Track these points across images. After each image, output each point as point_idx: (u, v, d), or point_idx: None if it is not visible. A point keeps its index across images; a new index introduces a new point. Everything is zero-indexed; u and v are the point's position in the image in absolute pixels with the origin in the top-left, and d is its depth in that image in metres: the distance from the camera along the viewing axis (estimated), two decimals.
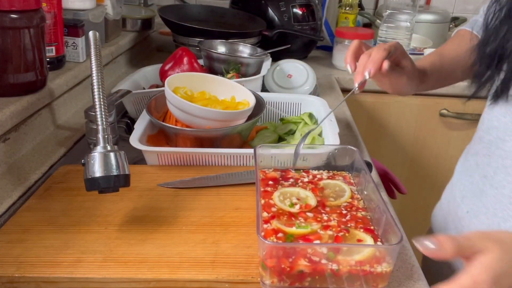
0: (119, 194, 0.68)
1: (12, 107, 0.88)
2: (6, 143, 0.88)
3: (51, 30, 1.04)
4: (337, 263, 0.57)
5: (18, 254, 0.64)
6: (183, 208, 0.75)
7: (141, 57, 1.68)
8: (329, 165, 0.80)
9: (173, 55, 1.22)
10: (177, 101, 0.90)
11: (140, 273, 0.61)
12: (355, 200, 0.72)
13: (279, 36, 1.57)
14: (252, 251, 0.65)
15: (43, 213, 0.74)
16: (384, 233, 0.63)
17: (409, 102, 1.71)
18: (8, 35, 0.88)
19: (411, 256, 0.71)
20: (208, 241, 0.67)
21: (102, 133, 0.67)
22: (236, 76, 1.20)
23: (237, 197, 0.79)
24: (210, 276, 0.60)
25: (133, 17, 1.64)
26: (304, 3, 1.67)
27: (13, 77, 0.91)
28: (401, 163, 1.75)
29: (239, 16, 1.66)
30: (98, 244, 0.66)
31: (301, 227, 0.63)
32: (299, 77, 1.31)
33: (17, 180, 0.84)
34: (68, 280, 0.60)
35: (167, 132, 0.94)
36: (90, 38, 0.73)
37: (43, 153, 0.95)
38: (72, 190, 0.80)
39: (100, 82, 0.68)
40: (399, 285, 0.65)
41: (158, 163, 0.89)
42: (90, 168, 0.64)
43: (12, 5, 0.86)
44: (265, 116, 1.12)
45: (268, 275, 0.57)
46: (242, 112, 0.93)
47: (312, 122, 1.04)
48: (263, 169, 0.79)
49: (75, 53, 1.17)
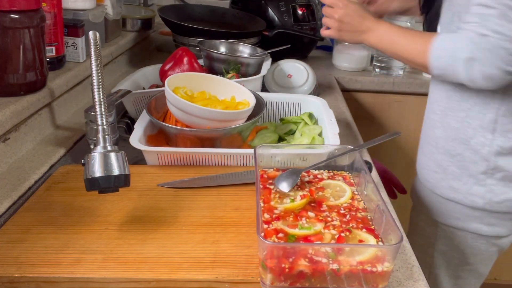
0: (119, 194, 0.68)
1: (12, 107, 0.88)
2: (6, 143, 0.88)
3: (51, 30, 1.04)
4: (338, 263, 0.57)
5: (18, 254, 0.64)
6: (183, 208, 0.75)
7: (141, 57, 1.68)
8: (329, 165, 0.80)
9: (173, 55, 1.22)
10: (177, 101, 0.90)
11: (140, 273, 0.61)
12: (355, 200, 0.72)
13: (279, 36, 1.57)
14: (252, 251, 0.65)
15: (43, 213, 0.74)
16: (384, 233, 0.63)
17: (409, 102, 1.72)
18: (8, 35, 0.88)
19: (411, 256, 0.71)
20: (208, 241, 0.67)
21: (102, 133, 0.67)
22: (236, 76, 1.20)
23: (237, 197, 0.79)
24: (210, 276, 0.60)
25: (133, 17, 1.64)
26: (304, 3, 1.67)
27: (13, 77, 0.91)
28: (401, 163, 1.75)
29: (239, 16, 1.66)
30: (98, 244, 0.66)
31: (304, 228, 0.63)
32: (299, 77, 1.31)
33: (17, 180, 0.84)
34: (68, 280, 0.60)
35: (167, 132, 0.94)
36: (90, 38, 0.73)
37: (43, 153, 0.95)
38: (72, 190, 0.80)
39: (100, 82, 0.68)
40: (399, 285, 0.65)
41: (158, 163, 0.89)
42: (90, 168, 0.64)
43: (12, 5, 0.86)
44: (265, 116, 1.12)
45: (268, 275, 0.57)
46: (242, 112, 0.93)
47: (312, 122, 1.04)
48: (263, 169, 0.79)
49: (75, 53, 1.17)
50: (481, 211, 1.04)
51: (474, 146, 1.00)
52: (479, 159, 1.00)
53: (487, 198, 1.02)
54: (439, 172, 1.08)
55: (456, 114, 1.01)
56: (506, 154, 0.98)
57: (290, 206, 0.69)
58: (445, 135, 1.05)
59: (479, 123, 0.98)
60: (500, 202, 1.02)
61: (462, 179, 1.04)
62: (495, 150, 0.98)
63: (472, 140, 1.00)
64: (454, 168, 1.04)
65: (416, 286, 0.65)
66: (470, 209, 1.05)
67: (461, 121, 1.00)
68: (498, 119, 0.96)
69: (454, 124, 1.02)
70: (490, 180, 1.01)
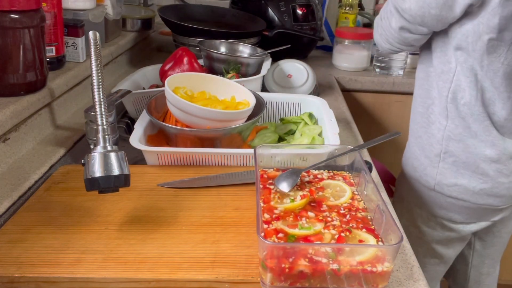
0: (119, 194, 0.68)
1: (12, 107, 0.88)
2: (6, 143, 0.89)
3: (51, 30, 1.04)
4: (338, 263, 0.57)
5: (18, 254, 0.64)
6: (183, 208, 0.75)
7: (141, 57, 1.68)
8: (329, 165, 0.80)
9: (173, 55, 1.22)
10: (177, 101, 0.90)
11: (140, 273, 0.61)
12: (355, 200, 0.72)
13: (279, 36, 1.57)
14: (252, 251, 0.65)
15: (43, 213, 0.74)
16: (384, 233, 0.63)
17: (409, 102, 1.71)
18: (8, 35, 0.88)
19: (411, 256, 0.72)
20: (208, 241, 0.67)
21: (102, 133, 0.67)
22: (236, 76, 1.20)
23: (237, 197, 0.79)
24: (210, 276, 0.60)
25: (133, 17, 1.64)
26: (304, 3, 1.67)
27: (13, 77, 0.91)
28: (401, 163, 1.75)
29: (239, 16, 1.66)
30: (98, 244, 0.66)
31: (304, 228, 0.63)
32: (299, 77, 1.31)
33: (17, 180, 0.84)
34: (68, 280, 0.60)
35: (167, 132, 0.94)
36: (90, 38, 0.73)
37: (43, 153, 0.95)
38: (72, 190, 0.80)
39: (100, 82, 0.68)
40: (399, 285, 0.65)
41: (158, 163, 0.89)
42: (90, 168, 0.64)
43: (12, 5, 0.86)
44: (265, 116, 1.12)
45: (268, 275, 0.57)
46: (242, 112, 0.93)
47: (312, 122, 1.04)
48: (263, 169, 0.79)
49: (75, 53, 1.17)
50: (434, 192, 1.16)
51: (433, 131, 1.12)
52: (435, 142, 1.12)
53: (437, 180, 1.13)
54: (407, 151, 1.23)
55: (424, 101, 1.13)
56: (456, 140, 1.08)
57: (290, 206, 0.69)
58: (414, 119, 1.19)
59: (438, 110, 1.10)
60: (449, 186, 1.12)
61: (420, 159, 1.16)
62: (447, 136, 1.09)
63: (433, 125, 1.12)
64: (416, 148, 1.18)
65: (416, 286, 0.65)
66: (426, 189, 1.17)
67: (427, 107, 1.13)
68: (448, 106, 1.07)
69: (420, 109, 1.15)
70: (442, 164, 1.12)
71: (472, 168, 1.08)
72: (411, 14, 1.02)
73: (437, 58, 1.07)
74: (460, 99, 1.05)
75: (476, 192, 1.10)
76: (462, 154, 1.08)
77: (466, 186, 1.10)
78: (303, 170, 0.76)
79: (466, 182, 1.09)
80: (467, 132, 1.06)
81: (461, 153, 1.08)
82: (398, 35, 1.09)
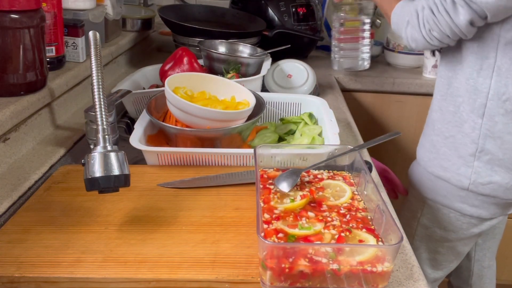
0: (119, 194, 0.68)
1: (12, 107, 0.88)
2: (6, 143, 0.89)
3: (51, 30, 1.04)
4: (338, 263, 0.57)
5: (18, 254, 0.64)
6: (183, 208, 0.75)
7: (141, 57, 1.68)
8: (329, 165, 0.80)
9: (173, 55, 1.22)
10: (177, 101, 0.90)
11: (140, 273, 0.61)
12: (355, 200, 0.72)
13: (279, 36, 1.57)
14: (252, 251, 0.65)
15: (43, 213, 0.74)
16: (384, 233, 0.63)
17: (409, 102, 1.72)
18: (8, 35, 0.88)
19: (411, 256, 0.71)
20: (208, 241, 0.67)
21: (102, 133, 0.67)
22: (236, 76, 1.20)
23: (237, 197, 0.79)
24: (210, 276, 0.60)
25: (133, 17, 1.64)
26: (304, 3, 1.67)
27: (13, 77, 0.91)
28: (401, 163, 1.75)
29: (239, 16, 1.66)
30: (98, 244, 0.66)
31: (304, 228, 0.63)
32: (299, 77, 1.31)
33: (17, 180, 0.84)
34: (68, 280, 0.60)
35: (167, 132, 0.94)
36: (90, 38, 0.73)
37: (43, 153, 0.95)
38: (72, 190, 0.80)
39: (100, 82, 0.68)
40: (399, 285, 0.65)
41: (158, 163, 0.89)
42: (90, 168, 0.64)
43: (12, 5, 0.86)
44: (265, 116, 1.12)
45: (268, 275, 0.57)
46: (242, 112, 0.93)
47: (312, 122, 1.04)
48: (263, 169, 0.79)
49: (75, 53, 1.17)
50: (466, 191, 1.12)
51: (466, 130, 1.08)
52: (469, 142, 1.08)
53: (472, 179, 1.10)
54: (433, 152, 1.17)
55: (455, 99, 1.10)
56: (493, 138, 1.05)
57: (290, 206, 0.69)
58: (442, 118, 1.14)
59: (470, 109, 1.06)
60: (484, 184, 1.10)
61: (452, 159, 1.12)
62: (483, 134, 1.06)
63: (466, 123, 1.08)
64: (446, 149, 1.14)
65: (416, 286, 0.65)
66: (456, 189, 1.14)
67: (458, 106, 1.09)
68: (488, 103, 1.04)
69: (451, 108, 1.11)
70: (477, 163, 1.09)
71: (507, 164, 1.08)
72: (489, 8, 0.94)
73: (474, 54, 1.04)
74: (501, 95, 1.03)
75: (508, 188, 1.10)
76: (498, 151, 1.07)
77: (500, 183, 1.09)
78: (303, 170, 0.76)
79: (500, 179, 1.09)
80: (506, 128, 1.05)
81: (498, 150, 1.07)
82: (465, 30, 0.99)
